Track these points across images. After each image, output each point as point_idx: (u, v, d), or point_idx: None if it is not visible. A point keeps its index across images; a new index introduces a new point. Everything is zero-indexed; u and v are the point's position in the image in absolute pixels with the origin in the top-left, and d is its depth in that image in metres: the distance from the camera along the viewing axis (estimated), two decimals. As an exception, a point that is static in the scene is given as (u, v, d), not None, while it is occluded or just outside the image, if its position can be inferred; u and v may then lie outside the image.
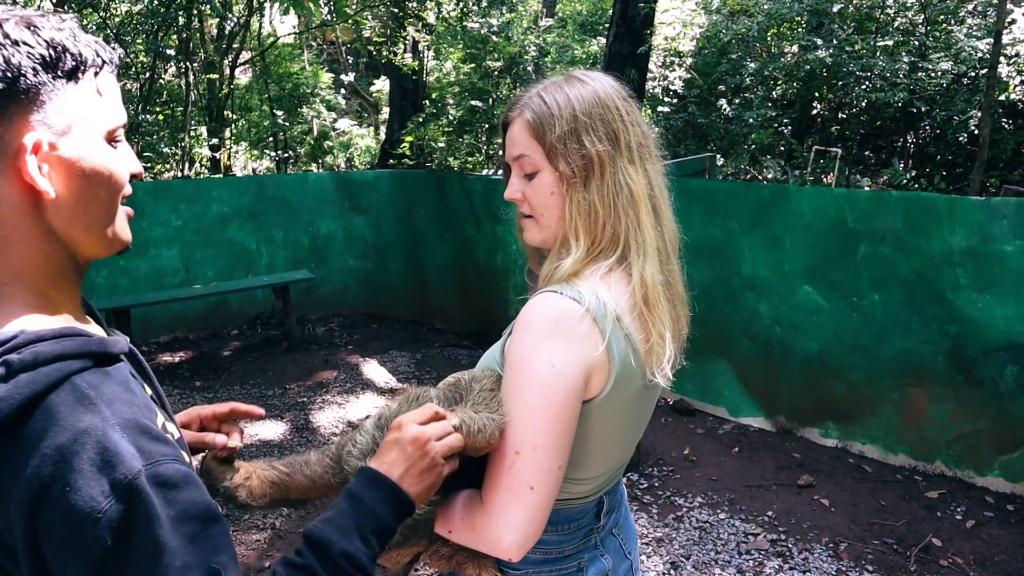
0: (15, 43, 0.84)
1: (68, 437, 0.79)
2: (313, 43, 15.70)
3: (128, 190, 0.98)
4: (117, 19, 8.53)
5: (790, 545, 3.62)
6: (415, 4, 9.55)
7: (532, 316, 1.17)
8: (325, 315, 7.77)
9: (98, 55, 0.92)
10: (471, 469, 1.25)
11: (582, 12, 14.54)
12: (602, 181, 1.22)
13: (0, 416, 0.78)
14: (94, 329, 0.99)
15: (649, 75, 10.50)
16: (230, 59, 9.92)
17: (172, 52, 8.23)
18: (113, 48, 0.96)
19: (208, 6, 7.68)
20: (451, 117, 10.91)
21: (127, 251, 1.01)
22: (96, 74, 0.92)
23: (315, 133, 12.74)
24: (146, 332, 6.76)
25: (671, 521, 3.86)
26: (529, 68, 10.38)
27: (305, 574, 0.97)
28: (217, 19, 8.96)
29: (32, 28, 0.86)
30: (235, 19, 9.12)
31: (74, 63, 0.88)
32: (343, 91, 15.58)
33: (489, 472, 1.19)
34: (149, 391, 0.99)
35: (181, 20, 8.29)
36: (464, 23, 9.92)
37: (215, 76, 9.97)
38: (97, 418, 0.81)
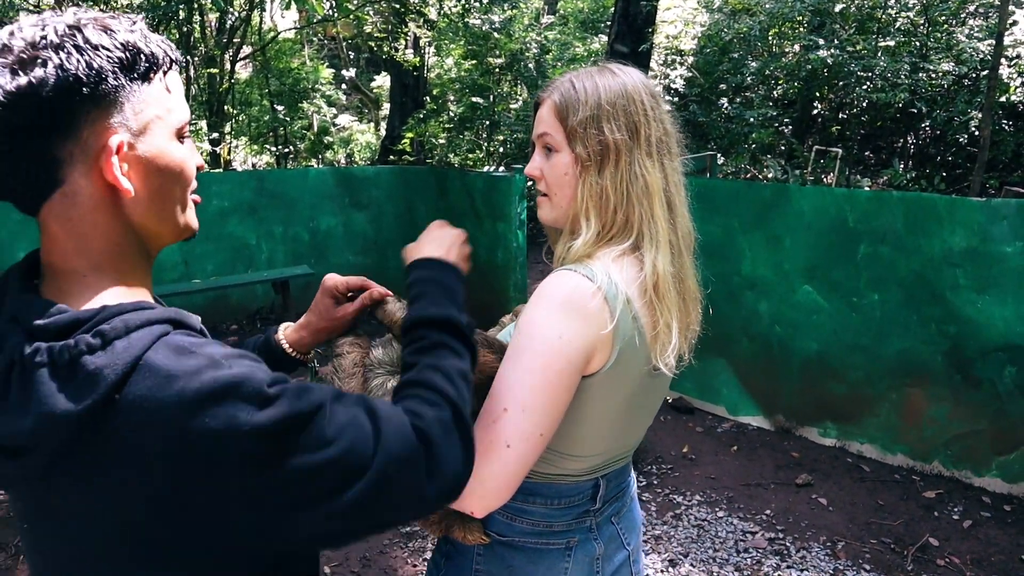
0: (95, 48, 0.85)
1: (184, 381, 0.82)
2: (314, 38, 15.68)
3: (195, 183, 1.03)
4: (117, 10, 8.52)
5: (788, 544, 3.63)
6: (417, 0, 9.54)
7: (548, 289, 1.21)
8: (324, 311, 7.77)
9: (166, 54, 0.94)
10: None
11: (583, 10, 14.54)
12: (616, 169, 1.27)
13: (106, 384, 0.80)
14: None
15: (650, 73, 10.50)
16: (231, 54, 9.91)
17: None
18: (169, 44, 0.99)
19: (209, 0, 7.67)
20: (452, 113, 10.92)
21: (194, 237, 1.06)
22: (165, 73, 0.95)
23: (315, 128, 12.74)
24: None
25: (669, 519, 3.86)
26: (530, 65, 10.38)
27: (445, 352, 1.09)
28: (218, 13, 8.95)
29: (108, 32, 0.87)
30: (236, 13, 9.11)
31: (147, 64, 0.91)
32: (344, 87, 15.56)
33: (475, 426, 1.22)
34: None
35: (182, 14, 8.27)
36: (466, 20, 9.92)
37: (215, 71, 9.96)
38: (202, 359, 0.85)
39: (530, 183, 1.44)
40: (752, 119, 8.89)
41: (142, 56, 0.90)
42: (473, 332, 1.17)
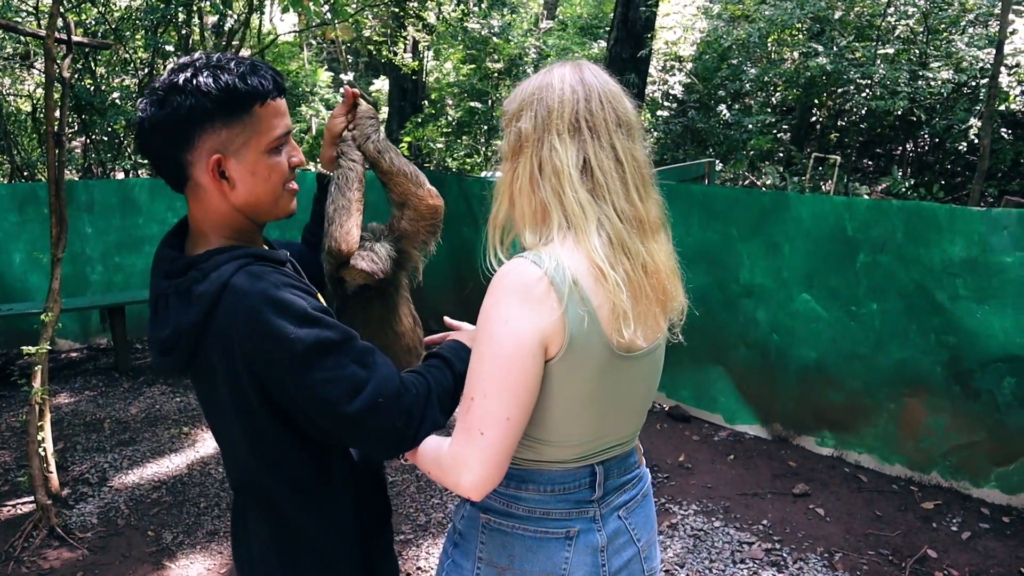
0: (205, 93, 1.26)
1: (254, 298, 1.23)
2: (313, 41, 15.67)
3: (289, 178, 1.39)
4: (116, 14, 8.48)
5: (785, 555, 3.60)
6: (416, 4, 9.53)
7: (496, 279, 1.28)
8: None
9: (263, 87, 1.30)
10: None
11: (583, 15, 14.55)
12: (526, 155, 1.33)
13: (206, 301, 1.25)
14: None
15: (649, 79, 10.49)
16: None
17: (171, 48, 8.17)
18: (268, 71, 1.33)
19: (208, 2, 7.65)
20: (450, 118, 10.90)
21: (292, 216, 1.46)
22: (263, 102, 1.30)
23: (313, 132, 12.71)
24: (140, 329, 6.72)
25: (665, 529, 3.83)
26: (529, 70, 10.36)
27: (438, 373, 1.41)
28: (217, 16, 8.93)
29: (217, 77, 1.27)
30: (235, 16, 9.09)
31: (242, 101, 1.28)
32: (342, 90, 15.54)
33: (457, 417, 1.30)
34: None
35: (181, 16, 8.24)
36: (464, 24, 9.90)
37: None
38: (267, 283, 1.25)
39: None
40: (751, 125, 8.88)
41: (238, 96, 1.27)
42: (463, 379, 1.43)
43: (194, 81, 1.26)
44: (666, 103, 10.96)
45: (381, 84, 15.72)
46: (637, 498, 1.51)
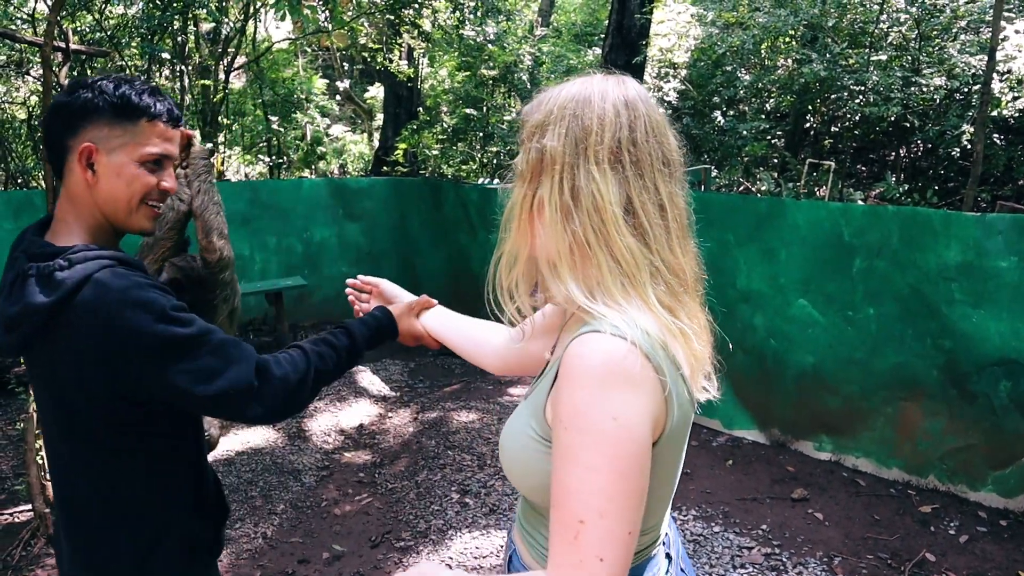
0: (103, 92, 1.41)
1: (116, 294, 1.30)
2: (308, 49, 15.67)
3: (153, 197, 1.47)
4: (112, 21, 8.49)
5: (784, 559, 3.61)
6: (411, 12, 9.55)
7: (574, 368, 1.03)
8: (318, 322, 7.74)
9: (155, 109, 1.44)
10: None
11: (577, 22, 14.60)
12: (552, 179, 1.11)
13: (66, 288, 1.30)
14: None
15: (644, 86, 10.51)
16: (225, 63, 9.88)
17: (167, 56, 8.18)
18: (168, 102, 1.47)
19: (203, 10, 7.66)
20: (445, 125, 10.91)
21: (148, 235, 1.56)
22: (151, 120, 1.44)
23: (309, 139, 12.71)
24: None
25: (665, 533, 3.84)
26: (524, 77, 10.39)
27: (330, 343, 1.63)
28: (213, 23, 8.94)
29: (118, 86, 1.43)
30: (231, 23, 9.10)
31: (132, 111, 1.42)
32: (337, 97, 15.55)
33: (552, 545, 1.05)
34: None
35: (176, 24, 8.25)
36: (460, 31, 9.92)
37: (209, 82, 9.94)
38: (131, 282, 1.33)
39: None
40: (745, 132, 8.91)
41: (129, 104, 1.41)
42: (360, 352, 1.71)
43: (99, 83, 1.43)
44: (660, 110, 10.97)
45: (376, 91, 15.75)
46: (677, 537, 1.42)
